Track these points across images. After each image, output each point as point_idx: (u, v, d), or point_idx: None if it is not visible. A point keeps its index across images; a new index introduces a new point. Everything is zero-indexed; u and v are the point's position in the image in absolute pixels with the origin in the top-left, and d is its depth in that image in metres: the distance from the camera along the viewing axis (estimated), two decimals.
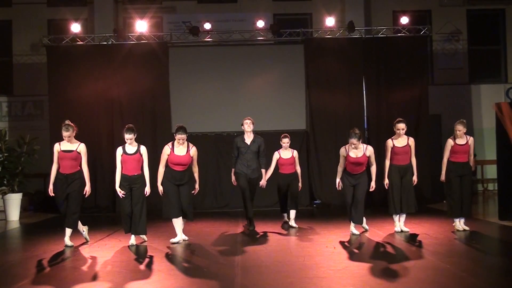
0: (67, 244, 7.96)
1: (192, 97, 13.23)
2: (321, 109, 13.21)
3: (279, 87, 13.38)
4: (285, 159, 9.60)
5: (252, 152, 9.27)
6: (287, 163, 9.60)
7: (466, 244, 7.74)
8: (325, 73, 13.33)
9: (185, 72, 13.35)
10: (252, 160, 9.26)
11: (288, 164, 9.61)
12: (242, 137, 9.39)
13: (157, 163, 12.11)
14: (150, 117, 13.18)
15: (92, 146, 12.18)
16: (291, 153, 9.67)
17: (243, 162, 9.29)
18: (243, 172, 9.29)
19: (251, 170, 9.26)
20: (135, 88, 13.18)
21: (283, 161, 9.60)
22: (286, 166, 9.62)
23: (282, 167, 9.64)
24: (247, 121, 9.32)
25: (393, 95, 13.28)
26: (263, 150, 9.34)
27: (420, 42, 13.54)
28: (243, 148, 9.30)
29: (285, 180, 9.63)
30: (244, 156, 9.27)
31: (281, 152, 9.67)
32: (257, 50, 13.72)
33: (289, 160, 9.60)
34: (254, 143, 9.33)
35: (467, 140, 8.68)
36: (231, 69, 13.37)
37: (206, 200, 12.75)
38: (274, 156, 9.70)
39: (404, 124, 8.65)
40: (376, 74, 13.38)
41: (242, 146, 9.31)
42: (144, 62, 13.23)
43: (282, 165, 9.63)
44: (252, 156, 9.25)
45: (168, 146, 8.15)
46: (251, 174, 9.26)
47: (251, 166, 9.26)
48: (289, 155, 9.65)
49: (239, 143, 9.37)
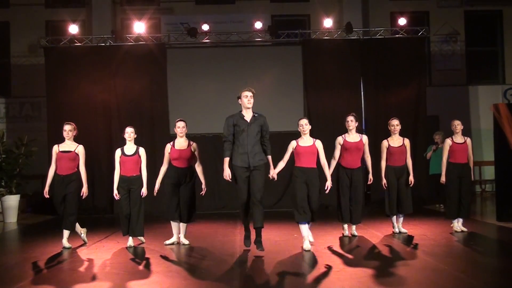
0: (65, 246, 7.94)
1: (190, 98, 13.24)
2: (319, 110, 13.23)
3: (277, 88, 13.39)
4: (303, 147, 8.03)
5: (254, 133, 7.12)
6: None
7: (464, 245, 7.75)
8: (323, 74, 13.35)
9: (183, 73, 13.36)
10: (255, 144, 7.11)
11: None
12: (239, 113, 7.22)
13: (155, 165, 12.29)
14: (148, 119, 13.18)
15: (90, 147, 12.17)
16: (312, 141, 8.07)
17: (241, 147, 7.05)
18: (243, 166, 7.05)
19: (253, 155, 7.06)
20: (133, 89, 13.19)
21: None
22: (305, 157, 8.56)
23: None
24: (247, 93, 7.16)
25: (391, 96, 13.30)
26: (267, 130, 7.27)
27: (418, 43, 13.56)
28: (242, 127, 7.08)
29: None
30: (243, 138, 7.06)
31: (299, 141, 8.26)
32: (255, 51, 13.73)
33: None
34: (256, 122, 7.16)
35: (465, 140, 8.71)
36: (229, 71, 13.38)
37: (204, 201, 12.74)
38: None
39: (398, 121, 8.65)
40: (374, 75, 13.40)
41: (241, 124, 7.09)
42: (142, 64, 13.24)
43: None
44: (253, 140, 7.10)
45: (168, 144, 8.20)
46: (253, 162, 7.05)
47: (253, 150, 7.07)
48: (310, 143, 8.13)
49: (236, 120, 7.12)
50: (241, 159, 7.06)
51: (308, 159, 7.55)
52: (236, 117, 7.14)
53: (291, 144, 7.70)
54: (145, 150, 8.32)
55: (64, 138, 8.11)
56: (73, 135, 8.12)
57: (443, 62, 15.66)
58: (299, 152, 7.58)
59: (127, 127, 8.19)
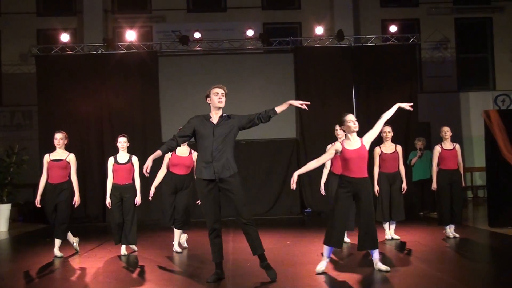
0: (57, 255, 7.90)
1: (182, 107, 13.21)
2: (311, 118, 13.24)
3: (269, 95, 13.38)
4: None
5: (221, 138, 5.84)
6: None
7: (456, 251, 7.77)
8: (314, 82, 13.40)
9: (175, 81, 13.36)
10: (223, 152, 5.82)
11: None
12: (206, 115, 6.06)
13: None
14: (140, 127, 13.16)
15: (82, 156, 12.19)
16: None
17: (205, 155, 5.80)
18: (206, 179, 5.81)
19: (221, 165, 5.77)
20: (125, 97, 13.17)
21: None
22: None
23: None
24: (217, 90, 6.02)
25: (382, 103, 13.26)
26: (244, 117, 6.13)
27: (408, 50, 13.64)
28: (207, 130, 5.86)
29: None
30: (208, 144, 5.81)
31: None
32: (247, 59, 13.76)
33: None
34: (224, 124, 5.95)
35: (454, 146, 8.76)
36: (220, 78, 13.20)
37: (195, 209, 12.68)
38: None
39: (390, 128, 8.68)
40: (366, 82, 13.46)
41: (205, 127, 5.89)
42: (134, 72, 13.23)
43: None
44: (221, 146, 5.82)
45: None
46: (221, 173, 5.77)
47: (221, 158, 5.78)
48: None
49: (199, 122, 5.92)
50: (205, 170, 5.79)
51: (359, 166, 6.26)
52: (200, 118, 5.97)
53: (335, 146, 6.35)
54: (137, 158, 8.28)
55: (55, 147, 8.09)
56: (64, 144, 8.11)
57: (434, 69, 15.76)
58: (349, 158, 6.23)
59: (120, 136, 8.19)
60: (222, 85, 6.12)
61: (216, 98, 5.98)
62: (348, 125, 6.29)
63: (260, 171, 13.17)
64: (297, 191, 13.09)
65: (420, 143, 12.14)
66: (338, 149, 6.26)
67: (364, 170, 6.23)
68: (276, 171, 13.27)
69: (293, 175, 6.05)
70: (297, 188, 13.07)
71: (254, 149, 13.26)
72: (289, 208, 13.18)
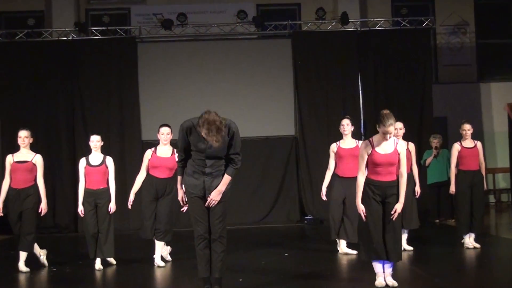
0: (22, 270, 7.86)
1: (165, 100, 13.17)
2: (312, 112, 13.22)
3: (264, 87, 13.37)
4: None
5: (216, 153, 5.90)
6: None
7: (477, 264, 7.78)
8: (315, 71, 13.37)
9: (156, 71, 13.30)
10: (215, 161, 5.94)
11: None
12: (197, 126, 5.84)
13: (124, 176, 12.29)
14: (117, 123, 13.10)
15: (50, 157, 12.13)
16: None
17: (196, 165, 5.94)
18: (196, 195, 5.94)
19: (211, 179, 5.91)
20: (99, 90, 13.11)
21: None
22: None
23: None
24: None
25: (392, 95, 13.34)
26: (238, 140, 5.93)
27: (422, 35, 13.63)
28: (196, 144, 5.87)
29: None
30: (200, 153, 5.89)
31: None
32: (239, 46, 13.71)
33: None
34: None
35: (475, 144, 8.77)
36: (209, 68, 13.36)
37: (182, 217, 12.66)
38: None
39: (401, 124, 8.66)
40: (374, 72, 13.44)
41: (198, 142, 5.86)
42: (110, 60, 13.18)
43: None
44: (214, 159, 5.93)
45: (149, 150, 8.20)
46: (211, 185, 5.91)
47: (213, 171, 5.93)
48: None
49: (192, 128, 5.88)
50: (194, 183, 5.93)
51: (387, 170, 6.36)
52: (193, 131, 5.86)
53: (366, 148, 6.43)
54: (114, 159, 8.29)
55: (19, 147, 8.05)
56: (29, 143, 8.06)
57: (450, 57, 15.76)
58: (378, 162, 6.32)
59: (93, 134, 8.17)
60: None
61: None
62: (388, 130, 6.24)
63: (253, 173, 13.11)
64: (295, 195, 13.09)
65: (436, 141, 12.14)
66: (369, 151, 6.34)
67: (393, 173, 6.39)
68: (272, 173, 13.23)
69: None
70: (296, 193, 13.10)
71: (246, 148, 13.06)
72: (286, 215, 13.16)
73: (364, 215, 6.26)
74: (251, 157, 13.12)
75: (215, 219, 5.88)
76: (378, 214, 6.29)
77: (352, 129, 8.61)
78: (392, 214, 6.23)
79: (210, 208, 5.89)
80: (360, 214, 6.30)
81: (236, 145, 5.88)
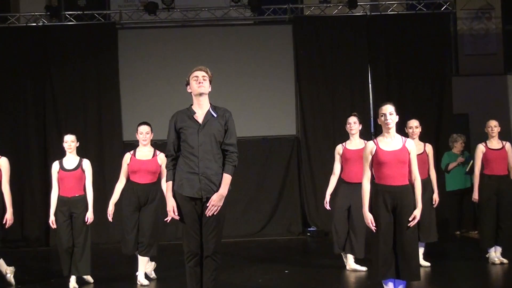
0: None
1: (149, 95, 13.12)
2: (315, 109, 13.20)
3: (261, 79, 13.33)
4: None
5: (209, 140, 5.84)
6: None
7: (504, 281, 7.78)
8: (320, 62, 13.35)
9: (139, 62, 13.25)
10: (210, 158, 5.84)
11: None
12: (188, 109, 6.06)
13: (103, 182, 12.26)
14: (95, 121, 13.07)
15: (17, 160, 12.06)
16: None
17: (189, 164, 5.83)
18: (189, 196, 5.81)
19: (208, 178, 5.79)
20: (75, 83, 13.07)
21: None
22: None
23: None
24: (197, 73, 6.03)
25: (407, 89, 13.32)
26: (233, 132, 5.99)
27: (440, 21, 13.62)
28: (190, 131, 5.86)
29: None
30: (192, 149, 5.82)
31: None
32: (232, 32, 13.65)
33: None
34: (213, 122, 5.93)
35: (503, 145, 8.76)
36: (198, 57, 13.21)
37: (168, 229, 12.65)
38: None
39: (417, 122, 8.69)
40: (385, 63, 13.42)
41: (189, 126, 5.88)
42: (86, 49, 13.13)
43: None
44: (209, 152, 5.84)
45: (128, 153, 8.27)
46: (208, 189, 5.79)
47: (208, 170, 5.80)
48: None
49: (181, 121, 5.93)
50: (188, 184, 5.81)
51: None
52: (182, 115, 5.96)
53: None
54: (92, 162, 8.32)
55: None
56: None
57: (473, 45, 15.75)
58: (384, 160, 6.41)
59: (66, 134, 8.18)
60: (204, 66, 6.13)
61: (196, 84, 5.98)
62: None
63: (249, 179, 13.06)
64: (297, 204, 13.08)
65: (459, 144, 12.10)
66: (373, 150, 6.45)
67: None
68: (270, 178, 13.22)
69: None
70: (298, 201, 13.07)
71: (243, 149, 12.98)
72: (287, 226, 13.13)
73: (373, 226, 6.25)
74: (246, 160, 13.04)
75: (208, 232, 5.79)
76: (389, 225, 6.29)
77: (360, 128, 8.61)
78: (410, 221, 6.21)
79: (203, 218, 5.79)
80: (368, 225, 6.30)
81: (232, 133, 5.91)
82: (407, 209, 6.29)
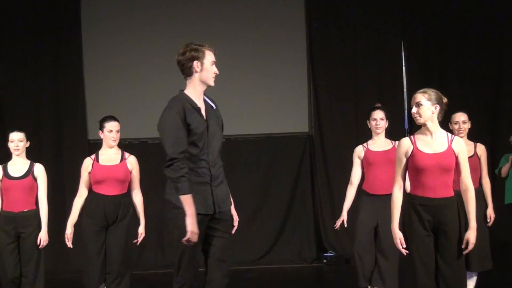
0: None
1: (122, 81, 13.05)
2: (333, 101, 13.18)
3: (265, 61, 13.27)
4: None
5: (219, 139, 6.02)
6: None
7: None
8: (338, 42, 13.35)
9: (109, 37, 13.21)
10: (217, 157, 5.96)
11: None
12: (186, 98, 5.96)
13: (61, 192, 12.17)
14: (51, 115, 13.07)
15: None
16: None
17: (199, 171, 5.79)
18: (202, 213, 5.72)
19: (220, 188, 5.90)
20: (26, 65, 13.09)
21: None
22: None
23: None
24: (213, 58, 6.44)
25: (451, 74, 13.24)
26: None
27: None
28: (200, 132, 5.81)
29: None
30: (202, 151, 5.82)
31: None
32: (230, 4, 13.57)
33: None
34: (214, 115, 6.11)
35: None
36: (186, 33, 13.12)
37: (146, 253, 12.60)
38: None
39: (466, 116, 8.56)
40: (424, 39, 13.39)
41: (196, 121, 5.82)
42: (40, 21, 13.13)
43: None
44: (218, 155, 5.98)
45: (88, 158, 8.22)
46: (222, 203, 5.87)
47: (218, 177, 5.92)
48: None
49: (188, 113, 5.77)
50: (201, 197, 5.75)
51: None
52: (188, 106, 5.82)
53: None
54: (46, 168, 8.34)
55: None
56: None
57: None
58: (423, 166, 6.29)
59: (12, 131, 8.14)
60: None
61: (212, 71, 6.22)
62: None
63: (251, 189, 13.08)
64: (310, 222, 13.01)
65: None
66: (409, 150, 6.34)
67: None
68: (277, 188, 13.23)
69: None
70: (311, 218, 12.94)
71: (246, 149, 13.18)
72: (297, 251, 13.11)
73: (403, 247, 6.12)
74: (246, 164, 13.07)
75: (214, 259, 5.82)
76: (429, 248, 6.22)
77: (387, 125, 8.47)
78: (457, 246, 6.16)
79: (208, 241, 5.80)
80: (397, 245, 6.17)
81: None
82: (452, 230, 6.20)
